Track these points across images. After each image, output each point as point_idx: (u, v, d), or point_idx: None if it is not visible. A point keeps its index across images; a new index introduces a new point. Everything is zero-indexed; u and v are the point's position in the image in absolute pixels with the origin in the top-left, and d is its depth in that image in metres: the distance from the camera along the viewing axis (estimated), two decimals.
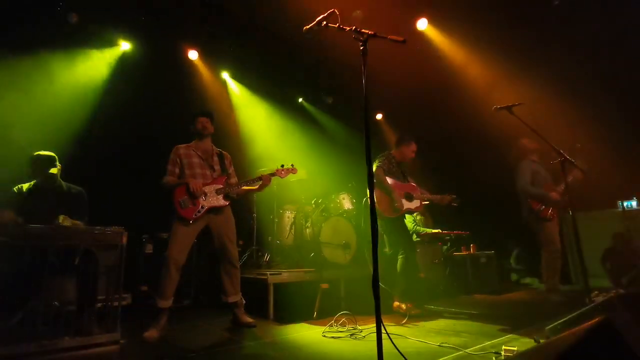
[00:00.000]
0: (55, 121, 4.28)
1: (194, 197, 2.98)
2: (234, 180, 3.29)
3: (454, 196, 3.74)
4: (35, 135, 3.96)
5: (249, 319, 3.11)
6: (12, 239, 2.37)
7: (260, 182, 3.19)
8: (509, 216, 4.70)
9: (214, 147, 3.32)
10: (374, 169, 3.64)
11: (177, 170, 3.12)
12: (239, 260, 4.87)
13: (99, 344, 2.54)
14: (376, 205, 3.01)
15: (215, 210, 3.09)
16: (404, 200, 3.67)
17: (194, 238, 3.05)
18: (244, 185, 3.19)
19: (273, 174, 3.27)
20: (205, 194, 3.04)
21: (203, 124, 3.20)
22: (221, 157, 3.31)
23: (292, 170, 3.37)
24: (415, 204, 3.77)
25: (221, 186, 3.12)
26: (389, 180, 3.66)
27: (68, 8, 4.34)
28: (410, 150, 3.87)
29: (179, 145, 3.20)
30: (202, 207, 3.00)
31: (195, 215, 2.96)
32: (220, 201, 3.10)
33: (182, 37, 5.21)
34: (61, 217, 2.62)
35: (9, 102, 4.02)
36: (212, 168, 3.21)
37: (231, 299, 3.13)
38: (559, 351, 1.31)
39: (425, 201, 3.88)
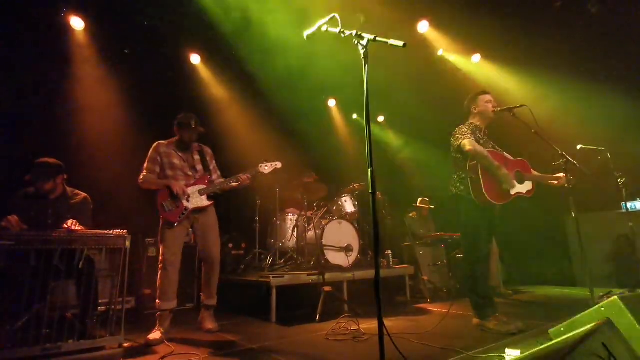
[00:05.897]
0: (59, 125, 4.32)
1: (177, 199, 2.97)
2: (216, 176, 3.27)
3: (570, 177, 2.89)
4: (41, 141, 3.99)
5: (212, 325, 3.07)
6: (16, 243, 2.38)
7: (240, 182, 3.14)
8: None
9: (193, 143, 3.25)
10: (461, 143, 2.79)
11: (157, 169, 3.07)
12: (241, 262, 4.91)
13: (103, 348, 2.55)
14: (481, 188, 2.66)
15: (198, 210, 3.08)
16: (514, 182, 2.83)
17: (183, 238, 3.07)
18: (225, 184, 3.14)
19: (256, 171, 3.21)
20: (189, 196, 3.03)
21: (196, 136, 3.16)
22: (202, 154, 3.24)
23: (276, 164, 3.29)
24: (527, 186, 2.92)
25: (204, 186, 3.10)
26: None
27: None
28: (486, 103, 2.96)
29: (160, 142, 3.14)
30: (186, 209, 2.99)
31: (180, 217, 2.97)
32: (204, 202, 3.09)
33: (186, 41, 5.24)
34: (70, 222, 2.64)
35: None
36: (194, 168, 3.17)
37: (207, 302, 3.14)
38: (563, 353, 1.30)
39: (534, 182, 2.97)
